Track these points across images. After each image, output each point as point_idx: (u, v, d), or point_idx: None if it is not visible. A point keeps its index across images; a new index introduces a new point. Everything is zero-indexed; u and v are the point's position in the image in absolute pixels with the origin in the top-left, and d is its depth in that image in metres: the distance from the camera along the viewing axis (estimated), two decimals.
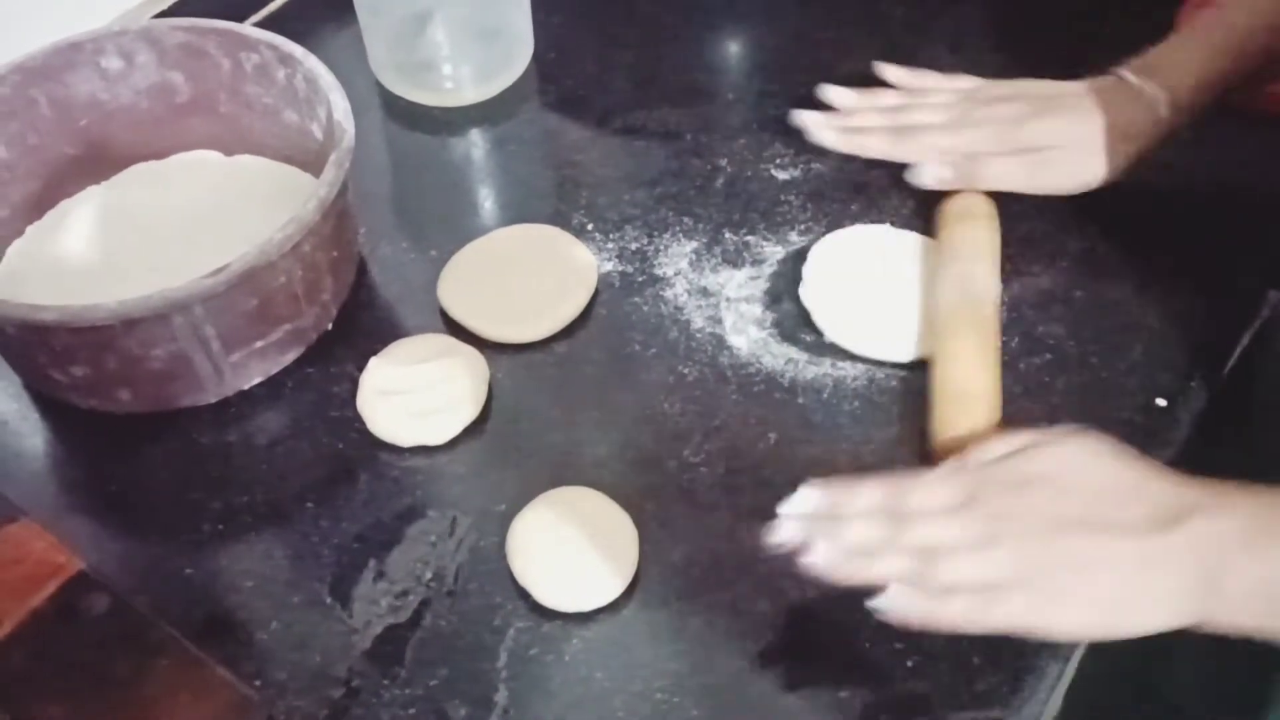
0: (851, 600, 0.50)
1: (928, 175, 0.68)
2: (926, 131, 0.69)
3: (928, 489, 0.51)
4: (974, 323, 0.61)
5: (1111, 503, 0.48)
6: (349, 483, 0.59)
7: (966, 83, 0.71)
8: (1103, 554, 0.47)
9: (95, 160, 0.71)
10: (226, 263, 0.56)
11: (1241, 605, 0.46)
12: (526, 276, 0.66)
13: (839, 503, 0.50)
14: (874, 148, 0.70)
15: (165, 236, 0.68)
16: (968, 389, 0.58)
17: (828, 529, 0.49)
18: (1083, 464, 0.50)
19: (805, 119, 0.71)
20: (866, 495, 0.51)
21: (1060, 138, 0.66)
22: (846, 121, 0.71)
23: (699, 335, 0.65)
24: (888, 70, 0.73)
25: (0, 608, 0.45)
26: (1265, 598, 0.45)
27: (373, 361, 0.62)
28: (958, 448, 0.55)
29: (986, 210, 0.67)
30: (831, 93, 0.72)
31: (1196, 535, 0.46)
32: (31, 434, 0.63)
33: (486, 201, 0.75)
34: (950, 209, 0.67)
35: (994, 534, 0.48)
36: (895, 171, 0.71)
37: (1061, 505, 0.48)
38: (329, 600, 0.55)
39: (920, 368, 0.62)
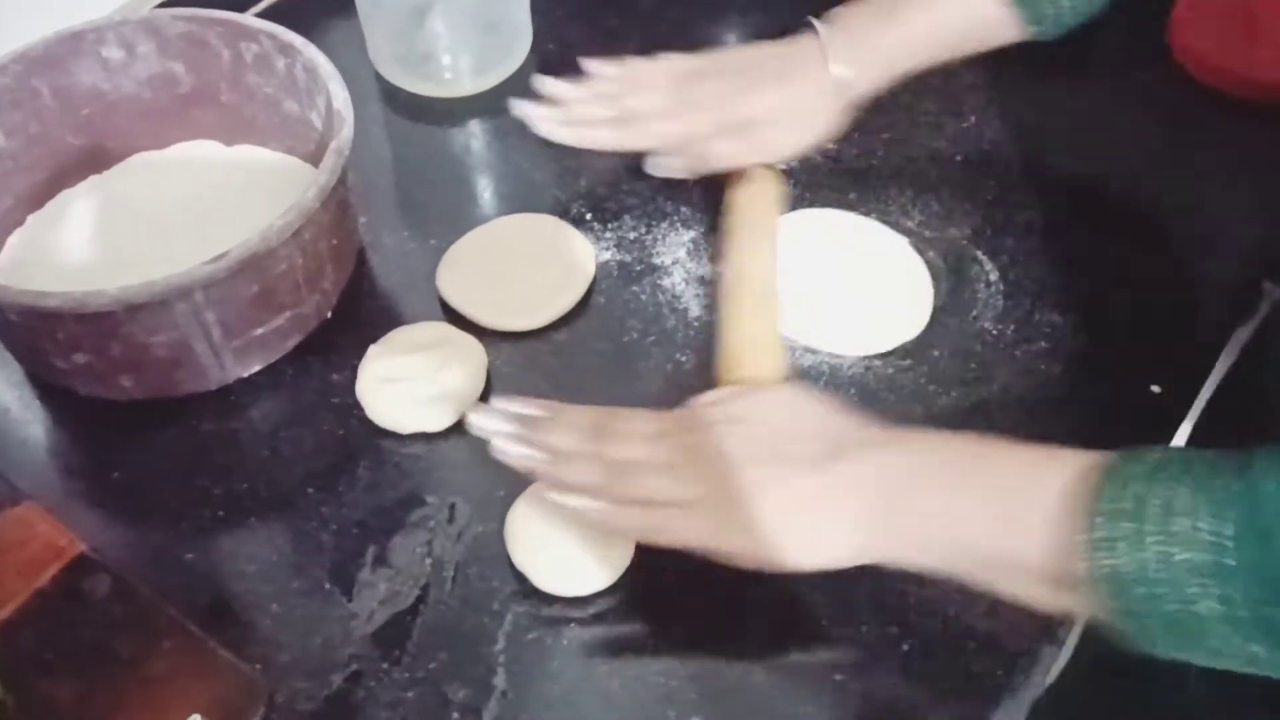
0: (848, 585, 0.50)
1: (662, 167, 0.69)
2: (648, 118, 0.68)
3: (636, 419, 0.54)
4: (751, 290, 0.63)
5: (793, 439, 0.51)
6: (349, 469, 0.60)
7: (669, 62, 0.71)
8: (777, 483, 0.49)
9: (97, 150, 0.71)
10: (227, 250, 0.56)
11: (912, 540, 0.48)
12: (525, 266, 0.67)
13: (552, 413, 0.54)
14: (602, 140, 0.69)
15: (166, 226, 0.69)
16: (740, 348, 0.61)
17: (529, 431, 0.53)
18: (775, 407, 0.53)
19: (527, 112, 0.68)
20: (577, 413, 0.54)
21: (769, 110, 0.67)
22: (569, 114, 0.69)
23: (697, 324, 0.65)
24: (590, 64, 0.71)
25: (5, 589, 0.46)
26: (932, 533, 0.47)
27: (372, 349, 0.63)
28: None
29: (768, 188, 0.69)
30: (548, 85, 0.69)
31: (869, 467, 0.49)
32: (34, 421, 0.63)
33: (485, 191, 0.76)
34: (736, 190, 0.69)
35: (682, 461, 0.51)
36: (892, 160, 0.72)
37: (749, 442, 0.51)
38: (330, 585, 0.55)
39: (914, 355, 0.62)
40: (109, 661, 0.44)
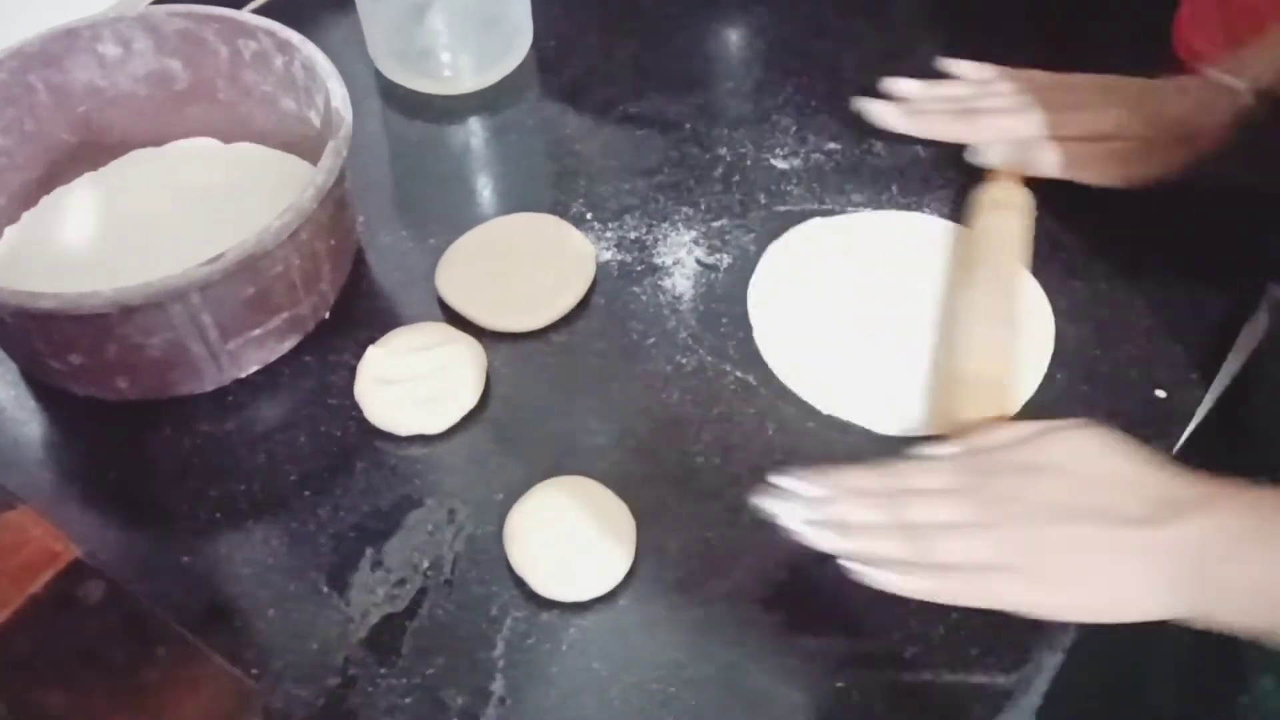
0: (851, 592, 0.50)
1: (986, 153, 0.68)
2: (990, 115, 0.69)
3: (927, 471, 0.51)
4: (994, 313, 0.61)
5: (1112, 493, 0.48)
6: (347, 471, 0.59)
7: (1031, 74, 0.71)
8: (1099, 542, 0.47)
9: (93, 147, 0.70)
10: (224, 251, 0.56)
11: (1232, 604, 0.46)
12: (525, 265, 0.66)
13: (834, 487, 0.50)
14: (937, 128, 0.70)
15: (163, 224, 0.68)
16: (980, 375, 0.58)
17: (821, 506, 0.49)
18: (1086, 454, 0.50)
19: (872, 108, 0.70)
20: (859, 477, 0.51)
21: (1119, 130, 0.66)
22: (915, 106, 0.70)
23: (698, 325, 0.64)
24: (954, 64, 0.72)
25: (4, 593, 0.45)
26: (1256, 598, 0.45)
27: (371, 350, 0.62)
28: (963, 435, 0.55)
29: (1020, 200, 0.67)
30: (900, 85, 0.71)
31: (1193, 530, 0.46)
32: (29, 422, 0.63)
33: (485, 190, 0.75)
34: (984, 197, 0.67)
35: (992, 517, 0.48)
36: (895, 154, 0.71)
37: (1062, 493, 0.48)
38: (326, 589, 0.55)
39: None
40: (102, 669, 0.44)
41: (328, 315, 0.65)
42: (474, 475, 0.59)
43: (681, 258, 0.68)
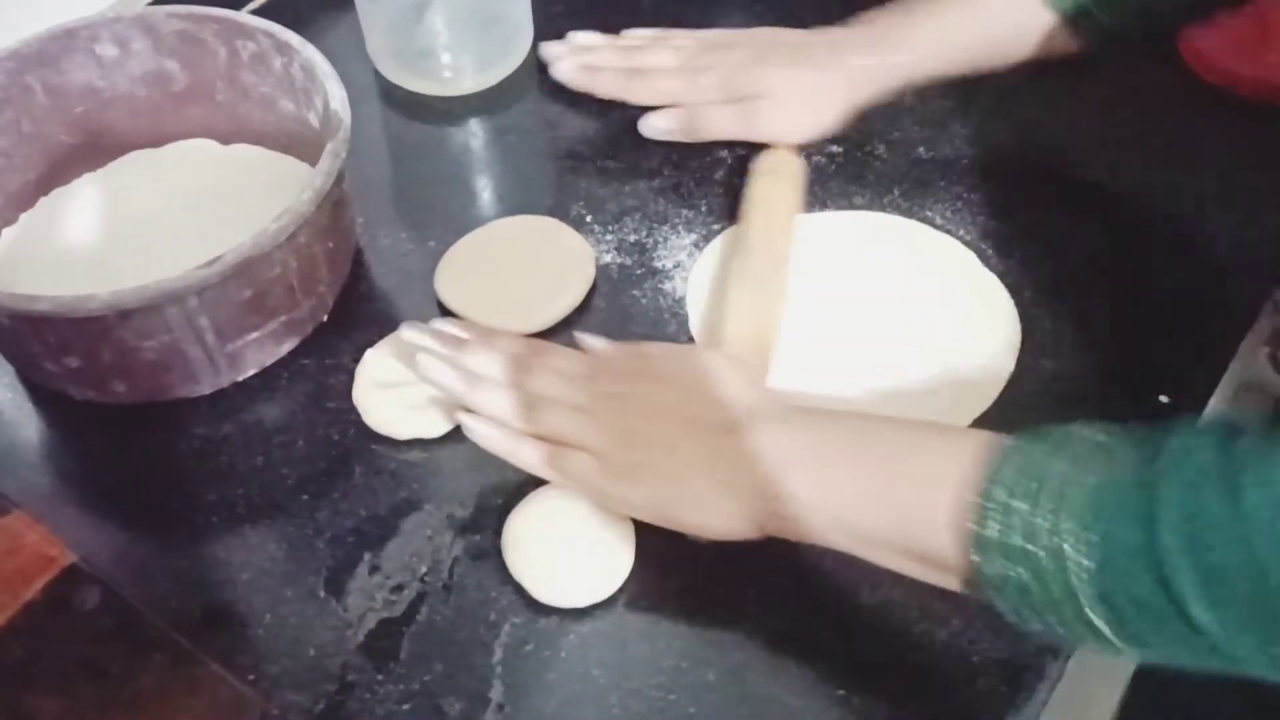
0: (850, 598, 0.49)
1: (652, 127, 0.71)
2: (657, 75, 0.72)
3: (567, 357, 0.56)
4: (758, 275, 0.62)
5: (710, 406, 0.51)
6: (345, 475, 0.59)
7: (701, 32, 0.74)
8: (678, 441, 0.51)
9: (91, 148, 0.70)
10: (221, 253, 0.55)
11: (802, 517, 0.48)
12: (525, 268, 0.66)
13: (482, 338, 0.57)
14: (606, 86, 0.73)
15: (161, 225, 0.68)
16: (738, 336, 0.60)
17: (459, 350, 0.55)
18: (694, 369, 0.54)
19: (548, 50, 0.75)
20: (506, 341, 0.57)
21: (772, 87, 0.68)
22: (585, 58, 0.74)
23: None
24: (629, 30, 0.77)
25: None
26: (813, 512, 0.47)
27: (369, 353, 0.62)
28: None
29: (791, 167, 0.69)
30: (577, 35, 0.75)
31: (765, 440, 0.49)
32: (25, 425, 0.62)
33: (485, 192, 0.75)
34: (759, 165, 0.69)
35: (594, 407, 0.53)
36: (898, 156, 0.71)
37: (665, 398, 0.53)
38: (324, 594, 0.54)
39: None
40: (97, 676, 0.44)
41: (326, 318, 0.65)
42: (473, 480, 0.58)
43: (682, 260, 0.67)
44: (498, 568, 0.55)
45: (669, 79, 0.71)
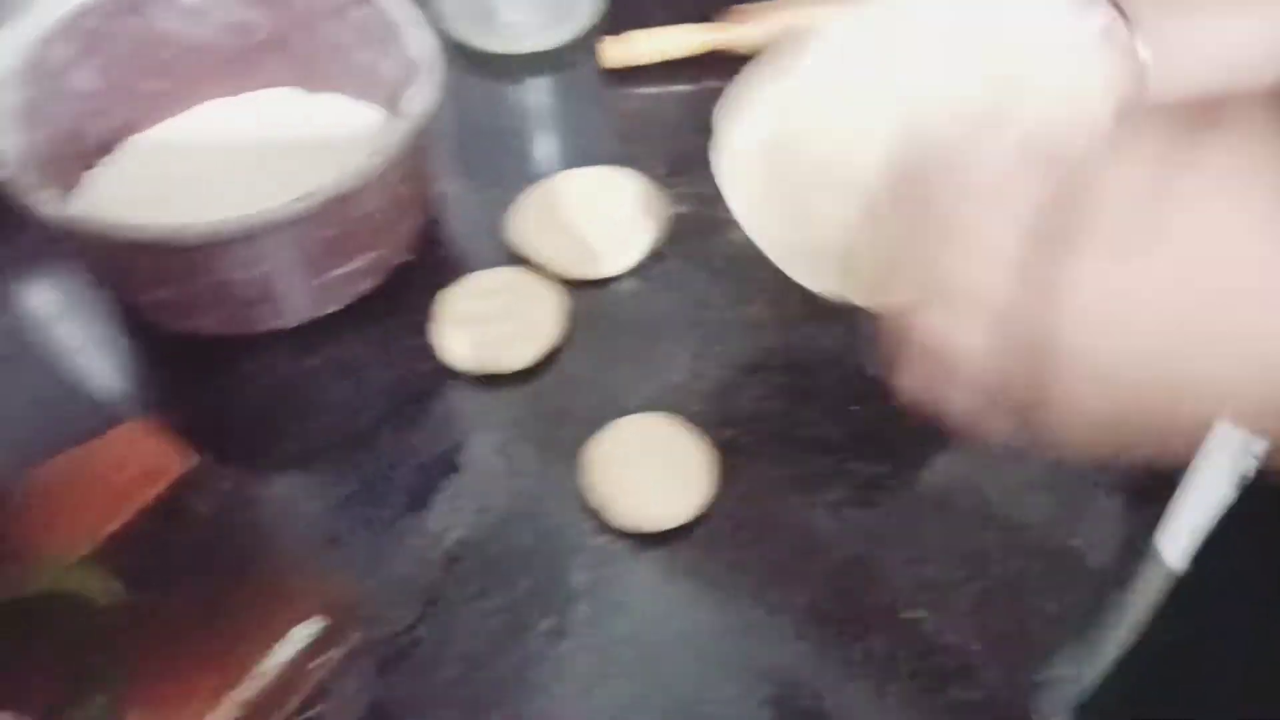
0: (925, 523, 0.51)
1: None
2: None
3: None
4: None
5: None
6: (423, 409, 0.61)
7: None
8: None
9: (172, 96, 0.72)
10: (315, 189, 0.57)
11: None
12: (596, 216, 0.68)
13: None
14: None
15: (240, 171, 0.69)
16: None
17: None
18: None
19: None
20: None
21: None
22: None
23: (767, 273, 0.66)
24: None
25: (110, 506, 0.47)
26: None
27: (447, 291, 0.64)
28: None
29: None
30: None
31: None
32: (117, 356, 0.64)
33: (557, 144, 0.76)
34: None
35: None
36: None
37: None
38: (408, 518, 0.56)
39: None
40: (205, 583, 0.46)
41: (405, 260, 0.66)
42: (550, 413, 0.60)
43: None
44: (576, 494, 0.57)
45: None
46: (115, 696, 0.43)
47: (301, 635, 0.44)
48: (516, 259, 0.67)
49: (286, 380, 0.62)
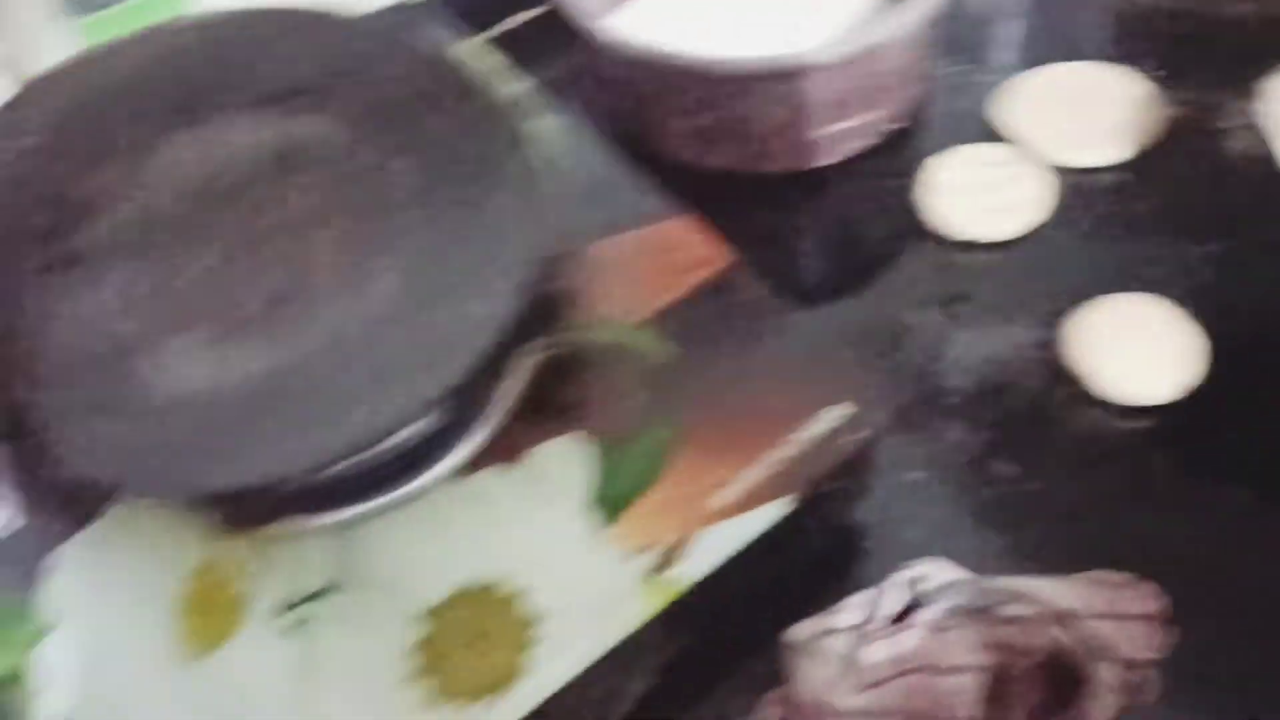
0: None
1: None
2: None
3: None
4: None
5: None
6: (903, 268, 0.63)
7: None
8: None
9: None
10: (850, 39, 0.61)
11: None
12: (1091, 107, 0.68)
13: None
14: None
15: (762, 14, 0.72)
16: None
17: None
18: None
19: None
20: None
21: None
22: None
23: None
24: None
25: (663, 282, 0.52)
26: None
27: (938, 157, 0.66)
28: None
29: None
30: None
31: None
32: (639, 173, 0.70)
33: (1050, 34, 0.76)
34: None
35: None
36: None
37: None
38: (891, 365, 0.60)
39: None
40: (758, 352, 0.50)
41: (901, 125, 0.69)
42: (1034, 285, 0.62)
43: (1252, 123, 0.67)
44: (1055, 361, 0.58)
45: None
46: (667, 437, 0.48)
47: (831, 417, 0.48)
48: (1001, 139, 0.68)
49: (777, 225, 0.66)
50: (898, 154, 0.68)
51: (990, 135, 0.69)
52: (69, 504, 0.38)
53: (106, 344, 0.44)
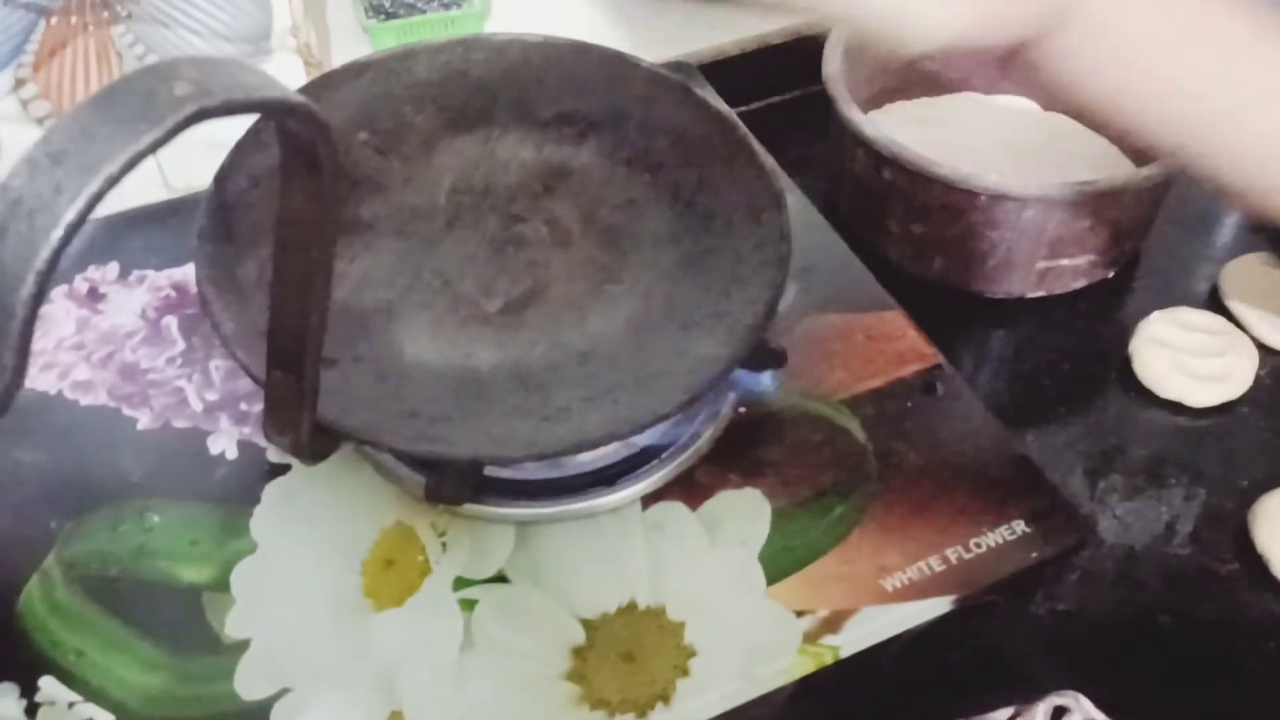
0: None
1: None
2: None
3: None
4: None
5: None
6: (1102, 408, 0.64)
7: None
8: None
9: (936, 80, 0.80)
10: (1088, 180, 0.62)
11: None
12: None
13: None
14: None
15: (980, 153, 0.75)
16: None
17: None
18: None
19: None
20: None
21: None
22: None
23: None
24: None
25: (869, 367, 0.54)
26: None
27: (1155, 314, 0.66)
28: None
29: None
30: None
31: None
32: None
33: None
34: None
35: None
36: None
37: None
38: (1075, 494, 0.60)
39: None
40: (945, 452, 0.52)
41: (1108, 274, 0.70)
42: (1228, 457, 0.61)
43: None
44: (1240, 541, 0.58)
45: None
46: (848, 512, 0.50)
47: (1009, 531, 0.49)
48: (1212, 308, 0.68)
49: (982, 341, 0.68)
50: (1115, 300, 0.69)
51: (1203, 302, 0.69)
52: (314, 439, 0.42)
53: (374, 305, 0.48)
